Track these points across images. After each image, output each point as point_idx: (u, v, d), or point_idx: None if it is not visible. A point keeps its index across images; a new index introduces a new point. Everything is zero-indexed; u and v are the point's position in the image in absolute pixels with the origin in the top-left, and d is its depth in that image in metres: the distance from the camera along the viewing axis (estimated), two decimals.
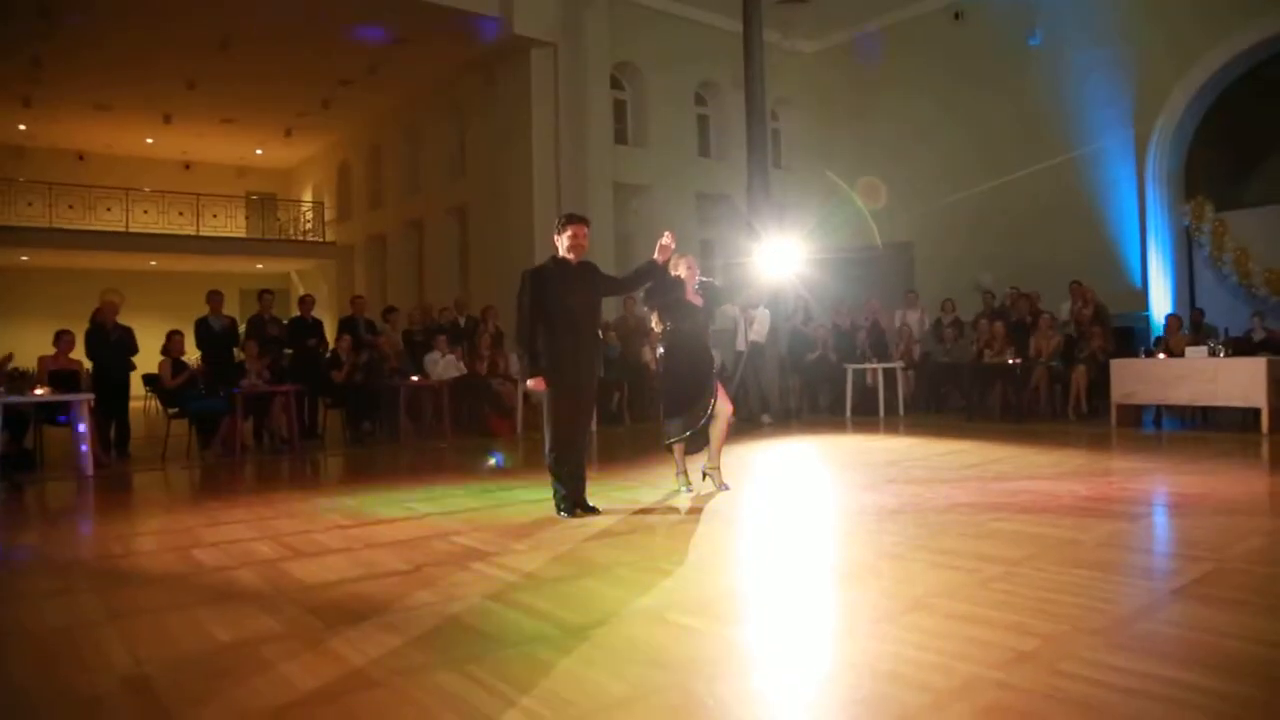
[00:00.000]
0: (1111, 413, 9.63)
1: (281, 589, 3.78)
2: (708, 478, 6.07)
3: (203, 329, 10.12)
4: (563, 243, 5.25)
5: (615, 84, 14.62)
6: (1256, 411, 8.63)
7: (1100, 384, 10.17)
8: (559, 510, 5.28)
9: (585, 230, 5.28)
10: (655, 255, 5.48)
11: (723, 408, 5.92)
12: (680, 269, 5.92)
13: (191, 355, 10.25)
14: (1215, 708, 2.32)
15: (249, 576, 4.03)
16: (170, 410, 9.25)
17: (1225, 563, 3.78)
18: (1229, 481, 5.98)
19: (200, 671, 2.80)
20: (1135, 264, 12.88)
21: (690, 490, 5.98)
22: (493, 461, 8.34)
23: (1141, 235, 12.82)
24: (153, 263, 20.79)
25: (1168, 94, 12.48)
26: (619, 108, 14.84)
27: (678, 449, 6.00)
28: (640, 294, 6.51)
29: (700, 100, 15.97)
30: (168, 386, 9.09)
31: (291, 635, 3.14)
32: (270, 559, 4.37)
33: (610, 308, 12.95)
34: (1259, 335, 10.53)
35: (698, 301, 5.98)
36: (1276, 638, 2.81)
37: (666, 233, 5.54)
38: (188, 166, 22.36)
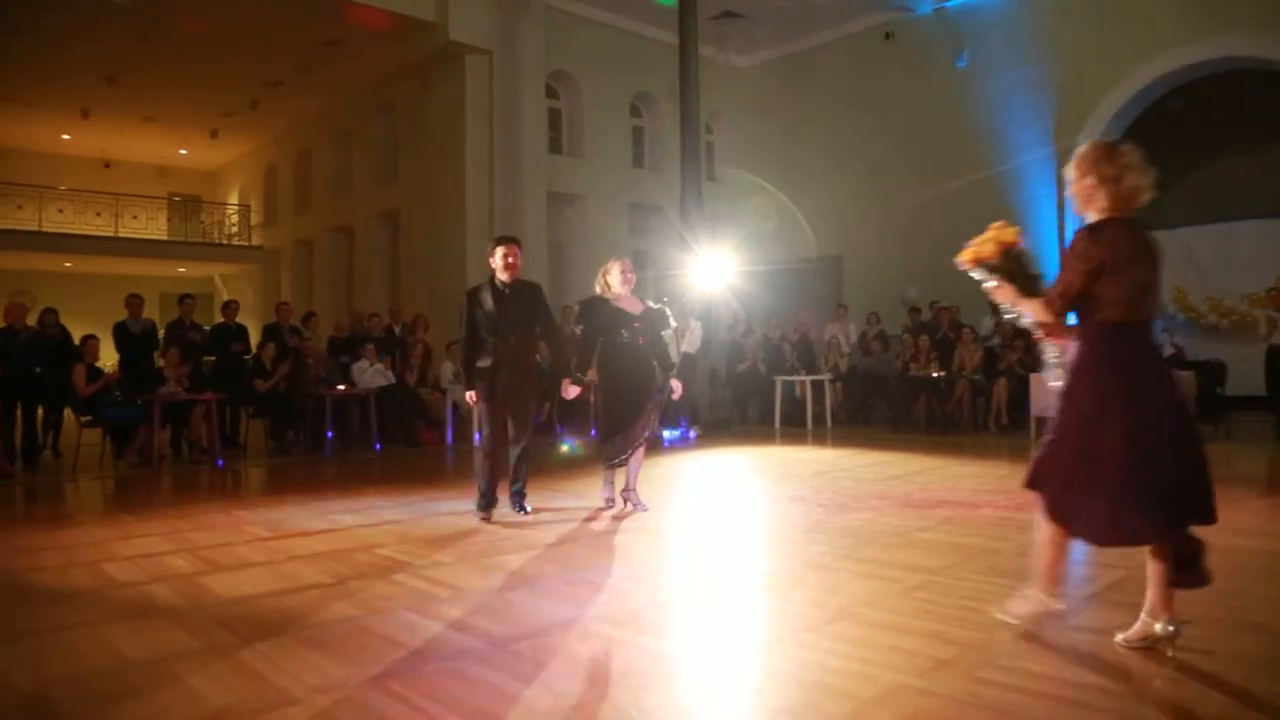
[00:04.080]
0: (1031, 425, 9.92)
1: (198, 603, 3.67)
2: (627, 500, 5.86)
3: (121, 333, 9.77)
4: (496, 263, 5.41)
5: (550, 93, 14.59)
6: None
7: (1020, 397, 10.48)
8: (478, 510, 5.49)
9: (517, 249, 5.46)
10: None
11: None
12: (613, 275, 5.71)
13: (109, 361, 9.92)
14: (1121, 709, 2.40)
15: (163, 591, 3.90)
16: (83, 418, 8.91)
17: (1135, 569, 3.89)
18: None
19: (107, 691, 2.70)
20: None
21: (613, 506, 5.81)
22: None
23: (1061, 252, 13.24)
24: (68, 264, 20.02)
25: (1086, 116, 12.93)
26: (554, 116, 14.81)
27: (616, 470, 5.78)
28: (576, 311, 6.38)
29: (635, 111, 16.03)
30: (81, 393, 8.77)
31: (207, 651, 3.05)
32: (186, 573, 4.24)
33: None
34: (1168, 351, 10.94)
35: (633, 308, 5.75)
36: (1180, 641, 2.91)
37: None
38: (107, 165, 21.61)
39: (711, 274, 11.06)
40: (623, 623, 3.30)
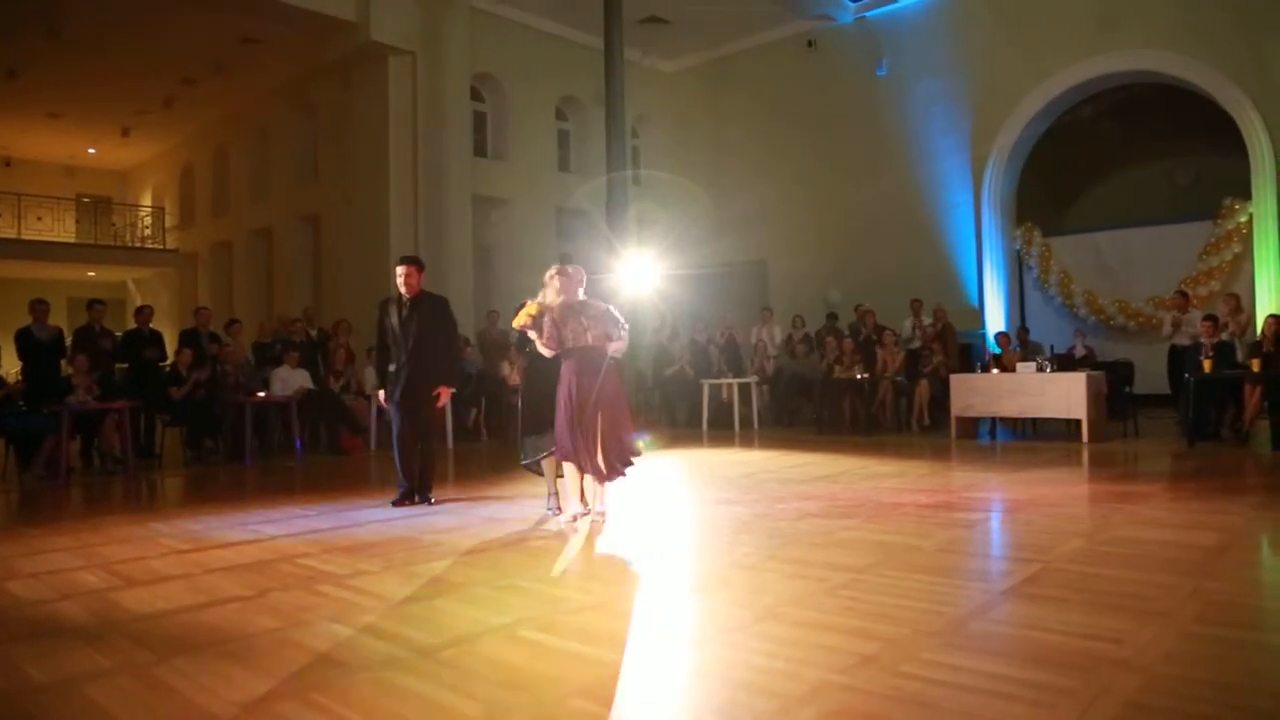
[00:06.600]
0: (951, 425, 10.17)
1: (110, 621, 3.54)
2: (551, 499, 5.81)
3: (25, 340, 9.36)
4: (399, 282, 6.11)
5: (475, 96, 14.46)
6: (1078, 422, 9.30)
7: (941, 398, 10.75)
8: (394, 503, 6.13)
9: (413, 269, 6.14)
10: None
11: None
12: (549, 292, 5.53)
13: (11, 369, 9.51)
14: (1036, 698, 2.48)
15: (73, 609, 3.75)
16: None
17: (1049, 563, 4.05)
18: (1053, 487, 6.41)
19: (9, 717, 2.58)
20: (972, 284, 13.67)
21: (557, 512, 5.66)
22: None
23: (978, 257, 13.63)
24: None
25: (999, 126, 13.34)
26: (479, 120, 14.68)
27: (549, 471, 5.73)
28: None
29: (561, 115, 15.99)
30: None
31: (120, 670, 2.94)
32: (98, 589, 4.08)
33: (469, 324, 12.78)
34: (1080, 352, 11.36)
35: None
36: (1091, 631, 3.03)
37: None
38: (8, 163, 20.70)
39: (638, 278, 11.09)
40: (549, 627, 3.29)
